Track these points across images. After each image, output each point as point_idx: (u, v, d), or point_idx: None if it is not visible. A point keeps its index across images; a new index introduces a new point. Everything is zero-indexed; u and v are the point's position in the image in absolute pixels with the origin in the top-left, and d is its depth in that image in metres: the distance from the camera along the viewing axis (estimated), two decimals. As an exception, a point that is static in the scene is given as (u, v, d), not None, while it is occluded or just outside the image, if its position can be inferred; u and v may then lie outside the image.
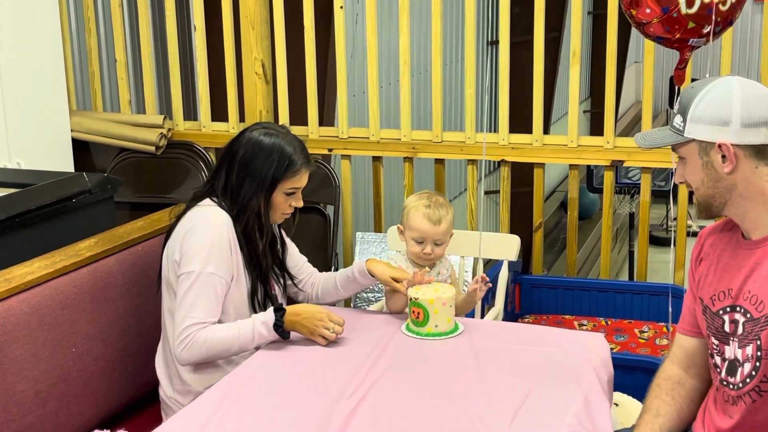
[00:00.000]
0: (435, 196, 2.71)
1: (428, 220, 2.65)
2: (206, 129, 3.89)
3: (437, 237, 2.67)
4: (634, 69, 12.14)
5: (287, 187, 2.54)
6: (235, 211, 2.52)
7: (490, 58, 7.81)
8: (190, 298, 2.42)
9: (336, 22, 3.66)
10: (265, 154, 2.51)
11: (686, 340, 2.17)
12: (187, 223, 2.50)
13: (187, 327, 2.41)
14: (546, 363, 2.29)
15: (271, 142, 2.53)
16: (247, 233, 2.53)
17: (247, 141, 2.54)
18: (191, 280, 2.42)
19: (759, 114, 1.89)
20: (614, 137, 3.48)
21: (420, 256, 2.69)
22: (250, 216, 2.52)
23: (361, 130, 3.75)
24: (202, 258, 2.43)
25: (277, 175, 2.51)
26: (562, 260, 7.26)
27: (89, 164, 3.88)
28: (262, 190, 2.52)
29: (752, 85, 1.93)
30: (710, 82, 1.94)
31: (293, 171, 2.53)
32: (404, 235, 2.73)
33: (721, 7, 2.46)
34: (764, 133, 1.90)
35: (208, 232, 2.46)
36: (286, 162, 2.52)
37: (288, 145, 2.54)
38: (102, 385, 2.57)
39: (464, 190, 6.30)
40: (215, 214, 2.50)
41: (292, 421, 2.03)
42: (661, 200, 8.05)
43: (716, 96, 1.91)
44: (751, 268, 1.95)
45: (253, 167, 2.51)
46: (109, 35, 4.00)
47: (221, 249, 2.46)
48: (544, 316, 3.64)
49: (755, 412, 1.95)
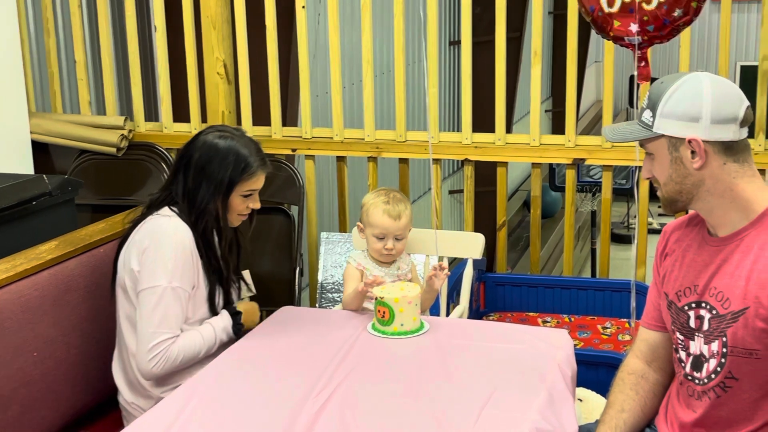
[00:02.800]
0: (392, 192, 2.76)
1: (388, 216, 2.69)
2: (168, 130, 3.86)
3: (398, 232, 2.71)
4: (595, 69, 12.26)
5: (244, 190, 2.54)
6: (193, 216, 2.50)
7: (452, 58, 7.84)
8: (159, 314, 2.41)
9: (298, 22, 3.65)
10: (220, 157, 2.50)
11: (650, 334, 2.19)
12: (148, 236, 2.47)
13: (159, 343, 2.40)
14: (510, 360, 2.30)
15: (226, 144, 2.52)
16: (206, 237, 2.52)
17: (202, 144, 2.53)
18: (158, 295, 2.41)
19: (728, 110, 1.91)
20: (575, 136, 3.50)
21: (382, 252, 2.72)
22: (208, 220, 2.51)
23: (324, 130, 3.75)
24: (168, 273, 2.42)
25: (234, 177, 2.50)
26: (525, 258, 7.30)
27: (49, 166, 3.84)
28: (219, 193, 2.51)
29: (721, 81, 1.95)
30: (680, 77, 1.95)
31: (249, 173, 2.52)
32: (365, 233, 2.75)
33: (646, 6, 2.48)
34: (733, 129, 1.92)
35: (171, 246, 2.44)
36: (242, 164, 2.51)
37: (243, 148, 2.53)
38: (65, 389, 2.54)
39: (428, 189, 6.32)
40: (175, 227, 2.48)
41: (258, 422, 2.02)
42: (623, 198, 8.13)
43: (687, 92, 1.92)
44: (718, 265, 1.97)
45: (209, 171, 2.50)
46: (68, 36, 3.96)
47: (185, 262, 2.45)
48: (508, 313, 3.67)
49: (719, 407, 1.98)
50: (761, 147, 3.28)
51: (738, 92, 1.94)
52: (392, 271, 2.77)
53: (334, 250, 3.63)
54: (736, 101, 1.92)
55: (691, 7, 2.47)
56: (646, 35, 2.53)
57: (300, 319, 2.65)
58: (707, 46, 11.70)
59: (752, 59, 10.37)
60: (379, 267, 2.76)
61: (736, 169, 1.93)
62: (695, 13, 2.51)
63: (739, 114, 1.91)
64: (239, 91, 3.75)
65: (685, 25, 2.54)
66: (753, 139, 3.27)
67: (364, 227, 2.76)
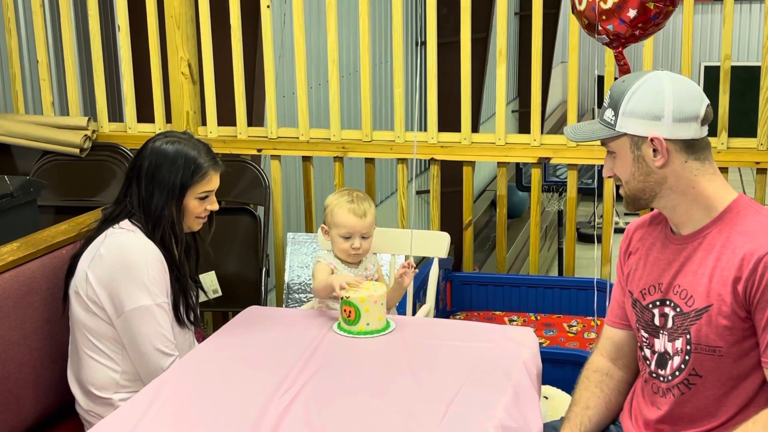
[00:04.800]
0: (355, 191, 2.77)
1: (354, 214, 2.69)
2: (132, 130, 3.83)
3: (364, 230, 2.71)
4: (561, 69, 12.33)
5: (198, 192, 2.52)
6: (150, 224, 2.49)
7: (419, 59, 7.85)
8: (155, 329, 2.42)
9: (263, 22, 3.63)
10: (169, 162, 2.49)
11: (614, 332, 2.20)
12: (116, 253, 2.44)
13: (169, 354, 2.44)
14: (476, 358, 2.30)
15: (174, 149, 2.51)
16: (164, 244, 2.51)
17: (150, 152, 2.52)
18: (149, 314, 2.42)
19: (690, 108, 1.92)
20: (541, 135, 3.52)
21: (349, 252, 2.72)
22: (165, 226, 2.50)
23: (290, 130, 3.74)
24: (150, 291, 2.42)
25: (185, 180, 2.49)
26: (493, 258, 7.33)
27: (11, 167, 3.79)
28: (172, 198, 2.49)
29: (682, 80, 1.96)
30: (641, 76, 1.97)
31: (201, 175, 2.51)
32: (330, 234, 2.74)
33: (603, 5, 2.51)
34: (694, 127, 1.93)
35: (145, 264, 2.43)
36: (192, 167, 2.50)
37: (192, 150, 2.52)
38: (27, 393, 2.51)
39: (395, 191, 6.32)
40: (145, 245, 2.46)
41: (223, 422, 2.00)
42: (589, 198, 8.18)
43: (648, 90, 1.93)
44: (681, 263, 1.98)
45: (159, 177, 2.49)
46: (30, 36, 3.91)
47: (159, 277, 2.45)
48: (475, 312, 3.68)
49: (683, 405, 1.99)
50: (723, 146, 3.32)
51: (698, 90, 1.95)
52: (360, 271, 2.76)
53: (300, 250, 3.62)
54: (697, 99, 1.93)
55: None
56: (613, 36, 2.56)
57: (266, 319, 2.64)
58: (671, 47, 11.82)
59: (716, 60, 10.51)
60: (347, 267, 2.75)
61: (697, 167, 1.95)
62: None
63: (700, 112, 1.93)
64: (204, 91, 3.73)
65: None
66: (716, 138, 3.31)
67: (329, 228, 2.75)
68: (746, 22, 11.91)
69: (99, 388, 2.48)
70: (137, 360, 2.45)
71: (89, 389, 2.50)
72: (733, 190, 2.00)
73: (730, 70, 3.31)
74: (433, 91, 3.60)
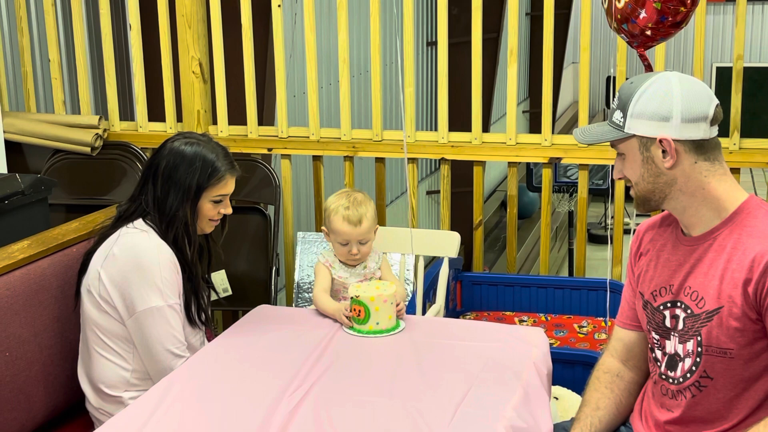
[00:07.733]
0: (353, 194, 2.72)
1: (348, 223, 2.66)
2: (143, 129, 3.84)
3: (360, 237, 2.68)
4: (572, 70, 12.30)
5: (213, 195, 2.53)
6: (163, 224, 2.50)
7: (430, 59, 7.85)
8: (167, 330, 2.43)
9: (274, 21, 3.64)
10: (187, 163, 2.50)
11: (625, 333, 2.20)
12: (128, 253, 2.45)
13: (179, 356, 2.45)
14: (486, 358, 2.30)
15: (192, 150, 2.51)
16: (177, 244, 2.51)
17: (169, 152, 2.53)
18: (160, 315, 2.43)
19: (698, 109, 1.91)
20: (552, 134, 3.51)
21: (347, 257, 2.71)
22: (178, 227, 2.51)
23: (300, 129, 3.74)
24: (162, 292, 2.43)
25: (201, 183, 2.50)
26: (503, 259, 7.32)
27: (23, 166, 3.80)
28: (187, 199, 2.50)
29: (690, 80, 1.96)
30: (649, 77, 1.96)
31: (217, 178, 2.52)
32: (330, 238, 2.74)
33: (617, 4, 2.52)
34: (703, 128, 1.92)
35: (158, 266, 2.44)
36: (209, 169, 2.50)
37: (210, 153, 2.53)
38: (38, 391, 2.52)
39: (406, 191, 6.32)
40: (158, 246, 2.47)
41: (232, 420, 2.01)
42: (600, 199, 8.17)
43: (656, 91, 1.93)
44: (692, 264, 1.98)
45: (176, 177, 2.49)
46: (42, 34, 3.92)
47: (171, 278, 2.46)
48: (485, 312, 3.67)
49: (694, 407, 1.98)
50: (735, 146, 3.30)
51: (707, 91, 1.95)
52: (358, 270, 2.75)
53: (310, 249, 3.62)
54: (706, 100, 1.93)
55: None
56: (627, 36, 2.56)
57: (275, 318, 2.64)
58: (683, 48, 11.78)
59: (728, 61, 10.46)
60: (345, 267, 2.75)
61: (707, 167, 1.94)
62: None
63: (709, 112, 1.92)
64: (215, 90, 3.73)
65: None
66: (727, 138, 3.29)
67: (329, 232, 2.74)
68: (759, 22, 11.86)
69: (109, 386, 2.49)
70: (148, 360, 2.46)
71: (100, 387, 2.51)
72: (743, 190, 1.99)
73: (742, 70, 3.30)
74: (443, 91, 3.60)
